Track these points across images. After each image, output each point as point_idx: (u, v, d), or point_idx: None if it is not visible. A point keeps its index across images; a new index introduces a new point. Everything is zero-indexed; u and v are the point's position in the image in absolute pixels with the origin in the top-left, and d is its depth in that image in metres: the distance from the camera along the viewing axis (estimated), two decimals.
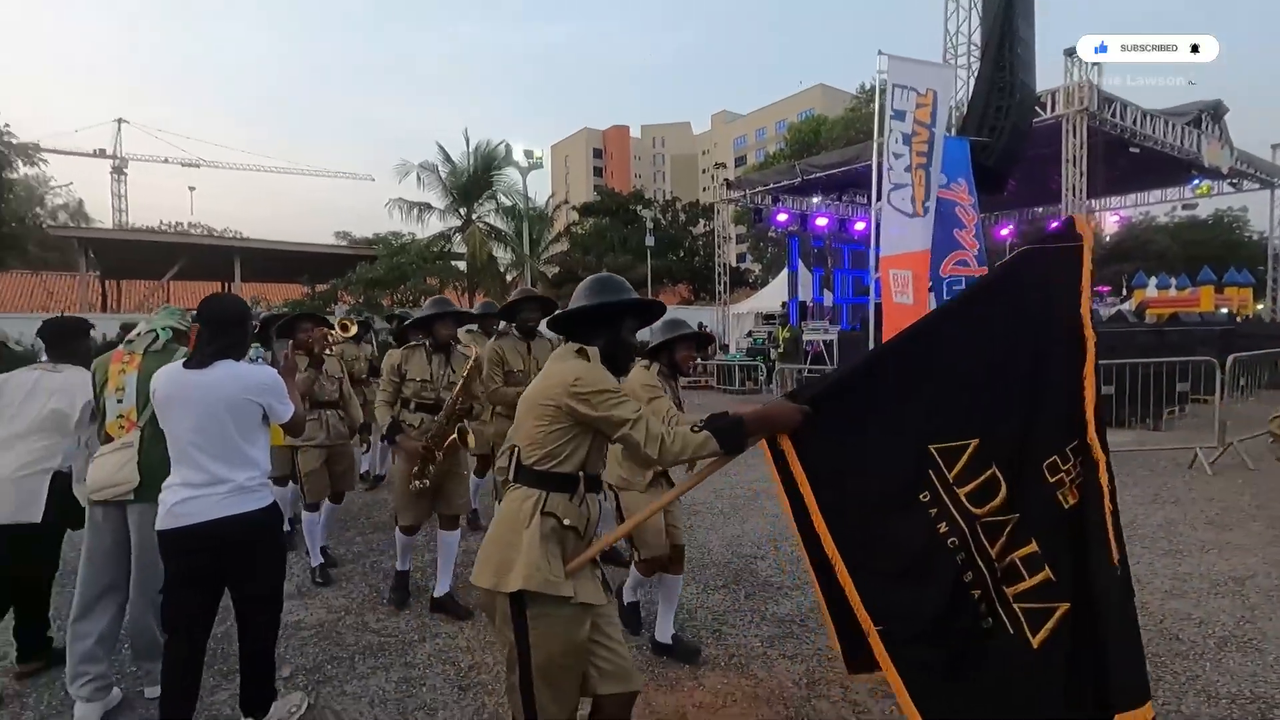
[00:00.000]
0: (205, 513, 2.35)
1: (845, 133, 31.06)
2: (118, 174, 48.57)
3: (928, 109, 8.30)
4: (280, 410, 2.56)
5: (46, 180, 37.71)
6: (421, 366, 3.80)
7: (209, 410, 2.38)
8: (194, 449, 2.38)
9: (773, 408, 1.93)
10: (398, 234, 26.40)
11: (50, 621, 3.27)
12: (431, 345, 3.86)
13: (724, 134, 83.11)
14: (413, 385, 3.76)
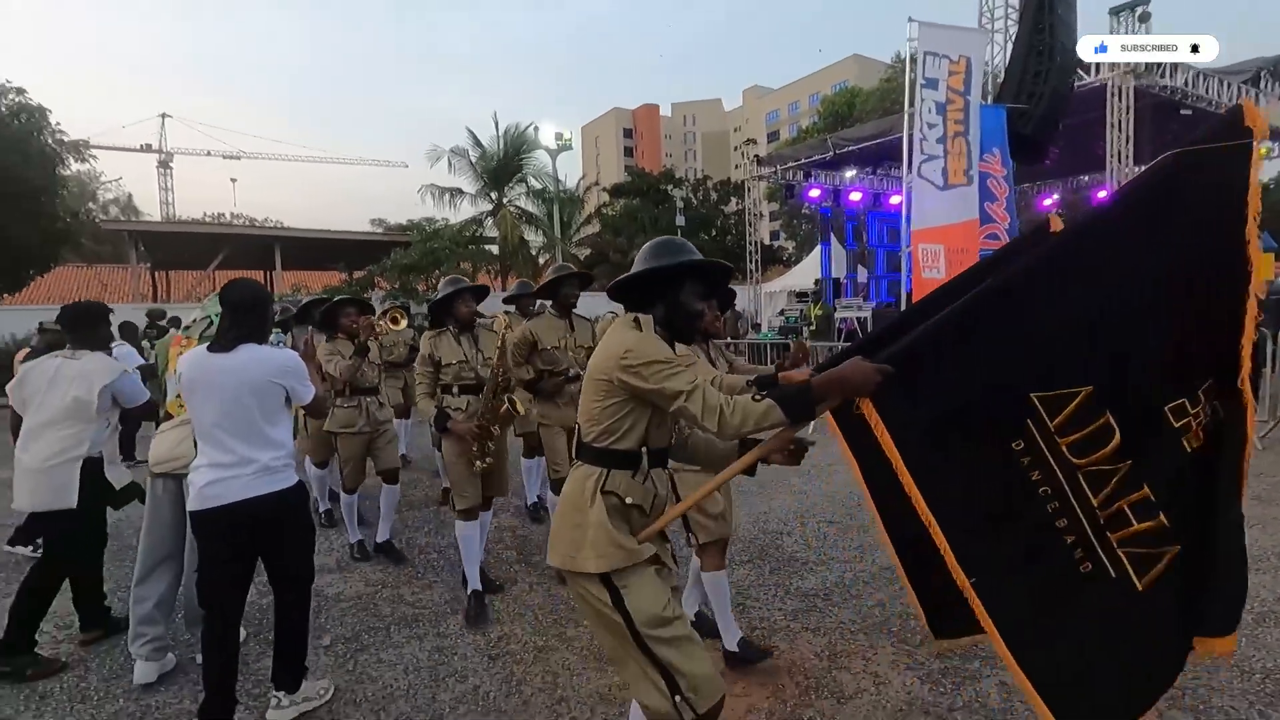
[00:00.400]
0: (234, 493, 2.42)
1: (880, 104, 30.24)
2: (164, 168, 50.03)
3: (961, 76, 8.04)
4: (301, 392, 2.62)
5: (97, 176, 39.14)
6: (452, 349, 3.72)
7: (234, 393, 2.44)
8: (220, 431, 2.45)
9: (846, 369, 1.69)
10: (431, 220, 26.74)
11: (106, 594, 3.48)
12: (456, 326, 3.79)
13: (756, 109, 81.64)
14: (450, 370, 3.68)
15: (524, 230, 24.39)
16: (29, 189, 16.66)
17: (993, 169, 8.21)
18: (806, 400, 1.72)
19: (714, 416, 1.71)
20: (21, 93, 17.34)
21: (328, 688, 2.80)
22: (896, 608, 3.38)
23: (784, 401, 1.71)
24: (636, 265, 2.00)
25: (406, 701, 2.74)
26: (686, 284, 1.95)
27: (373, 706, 2.71)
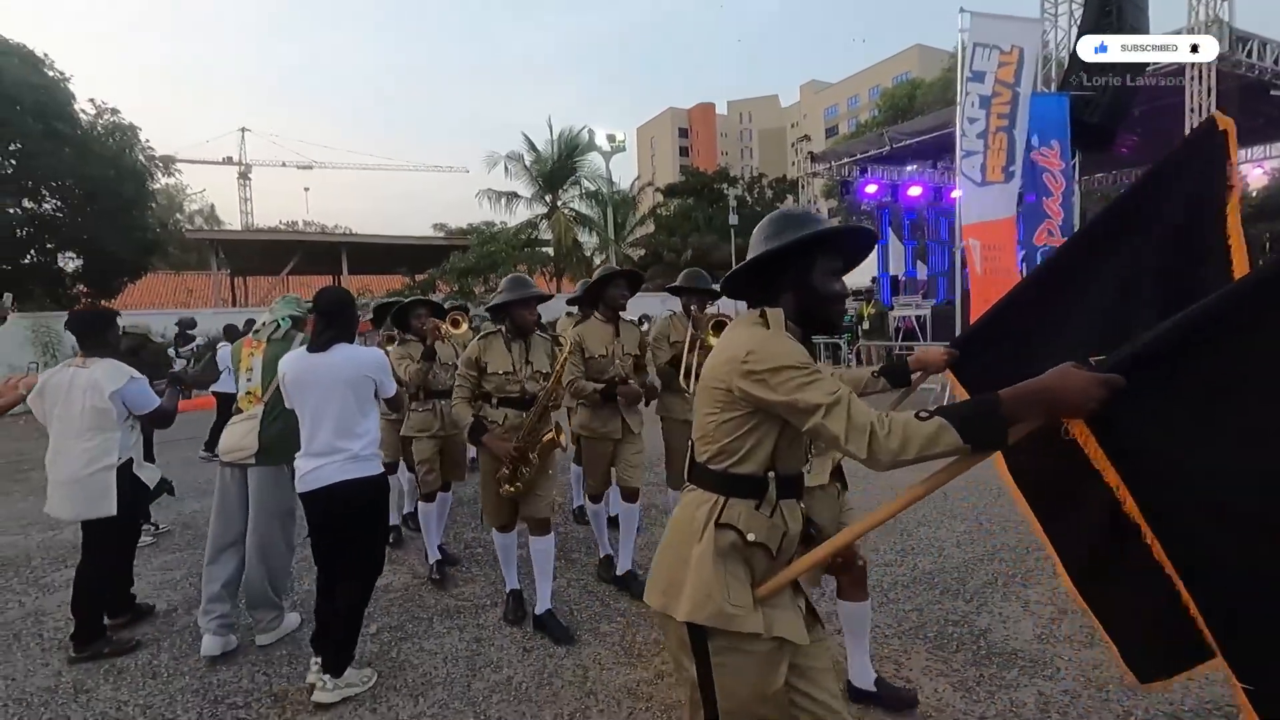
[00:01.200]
0: (326, 478, 2.74)
1: (944, 95, 29.28)
2: (243, 179, 52.92)
3: (1011, 67, 7.78)
4: (388, 385, 2.95)
5: (183, 188, 41.77)
6: (501, 356, 3.35)
7: (331, 388, 2.76)
8: (317, 422, 2.77)
9: (1054, 380, 1.27)
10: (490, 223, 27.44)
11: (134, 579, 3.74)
12: (510, 332, 3.41)
13: (814, 104, 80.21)
14: (495, 379, 3.33)
15: (578, 232, 24.71)
16: (122, 202, 17.95)
17: (1049, 162, 7.89)
18: (995, 420, 1.28)
19: (862, 438, 1.31)
20: (115, 113, 18.70)
21: (370, 676, 2.91)
22: (934, 614, 3.31)
23: (963, 421, 1.28)
24: (753, 249, 1.62)
25: (444, 689, 2.85)
26: (818, 261, 1.55)
27: (412, 692, 2.84)
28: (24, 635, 3.56)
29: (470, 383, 3.36)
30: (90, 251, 18.31)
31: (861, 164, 17.51)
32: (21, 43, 16.70)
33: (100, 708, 2.82)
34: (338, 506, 2.76)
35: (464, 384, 3.37)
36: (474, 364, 3.35)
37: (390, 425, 5.22)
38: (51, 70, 17.07)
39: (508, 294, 3.35)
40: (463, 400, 3.34)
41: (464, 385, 3.36)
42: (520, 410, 3.31)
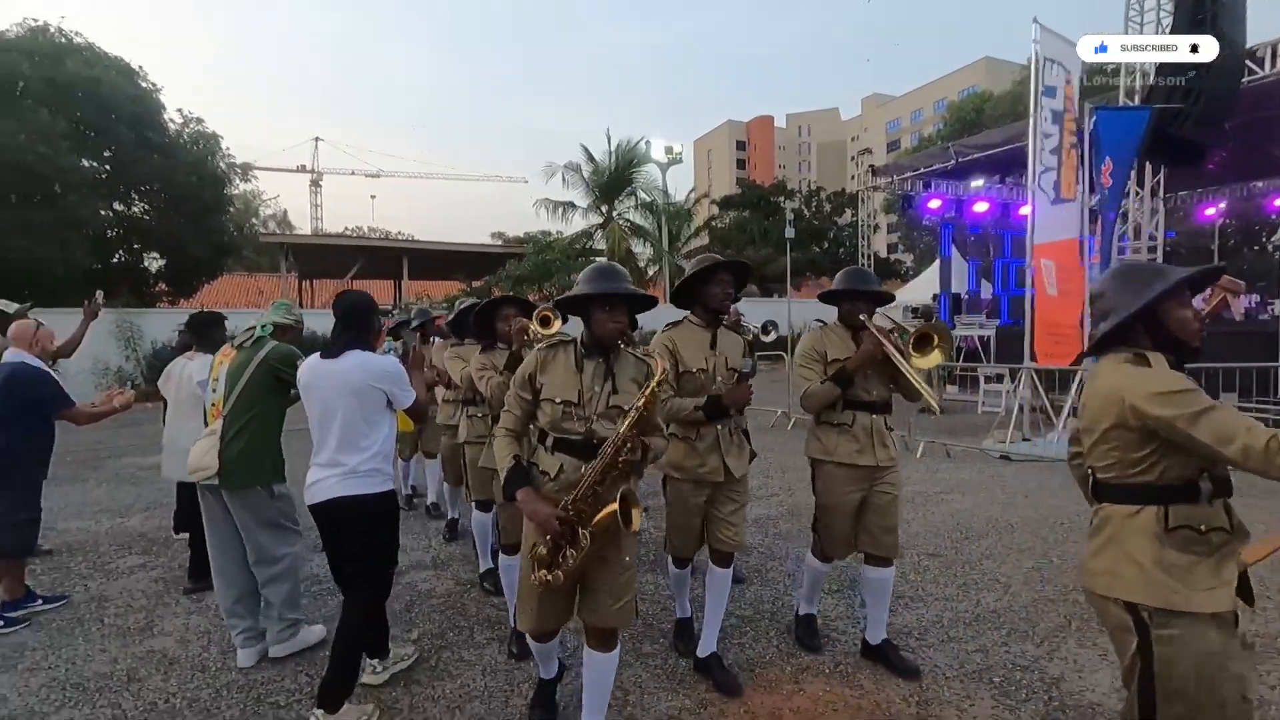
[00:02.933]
0: (325, 492, 2.60)
1: (1013, 109, 28.31)
2: (315, 186, 55.26)
3: (1073, 86, 7.54)
4: (401, 397, 2.74)
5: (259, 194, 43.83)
6: (566, 378, 2.31)
7: (336, 396, 2.61)
8: (324, 433, 2.64)
9: None
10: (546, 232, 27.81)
11: None
12: (586, 344, 2.37)
13: (875, 118, 78.83)
14: (551, 408, 2.28)
15: (632, 242, 24.79)
16: (202, 207, 18.90)
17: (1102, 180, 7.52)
18: None
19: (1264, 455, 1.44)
20: (200, 122, 19.73)
21: (372, 712, 2.69)
22: (1000, 656, 3.08)
23: None
24: (1116, 300, 1.78)
25: (482, 703, 2.80)
26: (1174, 297, 1.74)
27: (450, 704, 2.79)
28: (87, 619, 3.68)
29: (520, 410, 2.37)
30: (172, 252, 19.32)
31: (925, 178, 17.02)
32: (120, 56, 17.84)
33: (150, 698, 2.87)
34: (336, 523, 2.64)
35: (511, 409, 2.38)
36: (527, 383, 2.36)
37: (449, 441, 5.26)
38: (145, 82, 18.14)
39: (587, 285, 2.34)
40: (506, 434, 2.35)
41: (510, 412, 2.38)
42: (582, 460, 2.23)
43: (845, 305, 3.05)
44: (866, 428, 2.93)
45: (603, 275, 2.40)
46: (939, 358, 2.88)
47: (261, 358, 3.14)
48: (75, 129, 16.16)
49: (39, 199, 15.45)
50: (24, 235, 14.74)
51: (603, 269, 2.45)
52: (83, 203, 16.14)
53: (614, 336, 2.32)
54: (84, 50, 17.03)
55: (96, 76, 16.50)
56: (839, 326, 3.07)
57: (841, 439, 2.94)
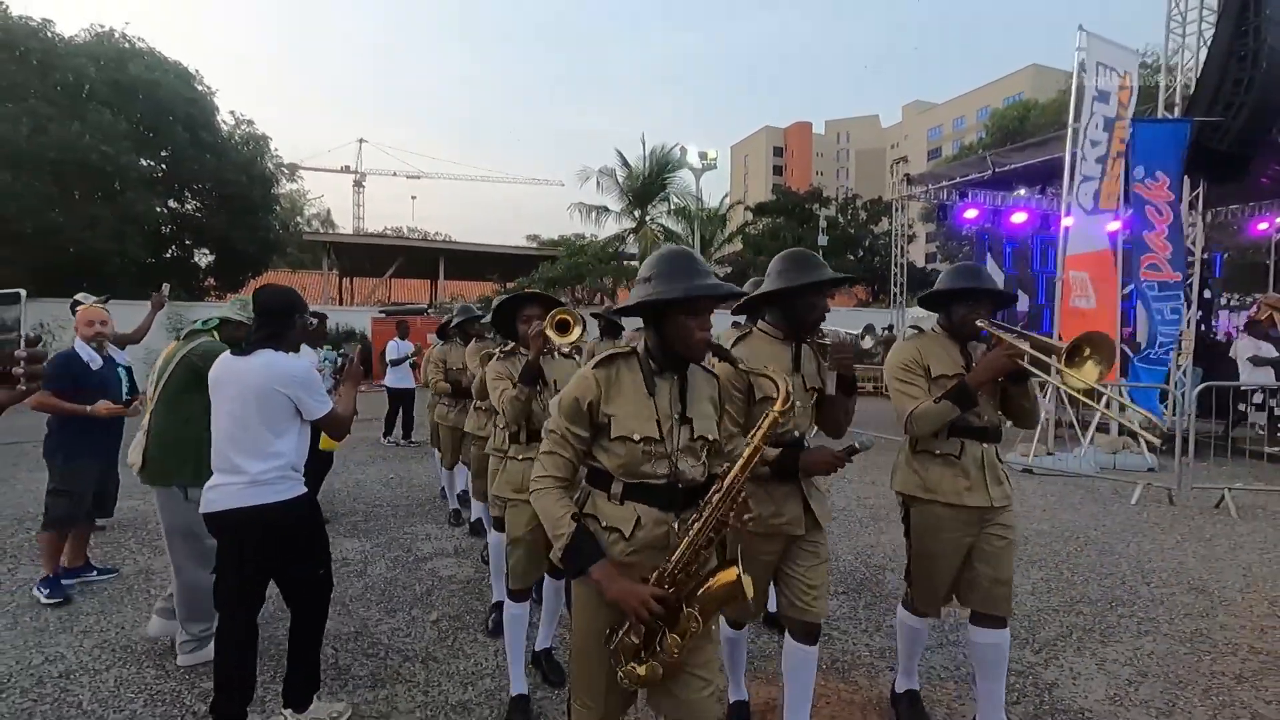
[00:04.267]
0: (224, 501, 2.37)
1: (1058, 118, 27.71)
2: (358, 186, 56.72)
3: (1128, 91, 7.36)
4: (311, 406, 2.44)
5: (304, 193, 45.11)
6: (640, 405, 1.73)
7: (240, 397, 2.38)
8: (225, 436, 2.41)
9: None
10: (580, 235, 28.15)
11: None
12: (655, 357, 1.78)
13: (916, 125, 77.73)
14: (627, 450, 1.70)
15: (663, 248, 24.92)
16: (250, 205, 19.66)
17: (1154, 194, 7.35)
18: None
19: None
20: (251, 124, 20.55)
21: (343, 711, 2.64)
22: None
23: None
24: None
25: (493, 680, 2.97)
26: None
27: (463, 680, 2.97)
28: (135, 590, 3.97)
29: (571, 450, 1.74)
30: (220, 248, 20.15)
31: (961, 187, 16.83)
32: (178, 60, 18.69)
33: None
34: (237, 535, 2.39)
35: (555, 451, 1.75)
36: (584, 417, 1.73)
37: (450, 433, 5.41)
38: (200, 85, 18.97)
39: (666, 284, 1.70)
40: (554, 485, 1.73)
41: (555, 454, 1.75)
42: (665, 511, 1.72)
43: (960, 309, 2.49)
44: (977, 459, 2.43)
45: (687, 269, 1.72)
46: (1094, 373, 2.26)
47: (185, 352, 3.01)
48: (135, 129, 16.99)
49: (100, 195, 16.27)
50: (86, 229, 15.56)
51: (682, 260, 1.76)
52: (140, 199, 16.96)
53: (702, 350, 1.77)
54: (145, 55, 17.91)
55: (156, 80, 17.33)
56: (940, 335, 2.56)
57: (947, 473, 2.43)
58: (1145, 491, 6.27)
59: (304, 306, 2.60)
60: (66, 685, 2.89)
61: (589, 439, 1.74)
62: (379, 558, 4.54)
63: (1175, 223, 7.65)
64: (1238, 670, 3.08)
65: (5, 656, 3.10)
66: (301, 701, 2.54)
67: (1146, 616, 3.67)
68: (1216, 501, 5.95)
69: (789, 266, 2.25)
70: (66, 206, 15.61)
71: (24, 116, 14.79)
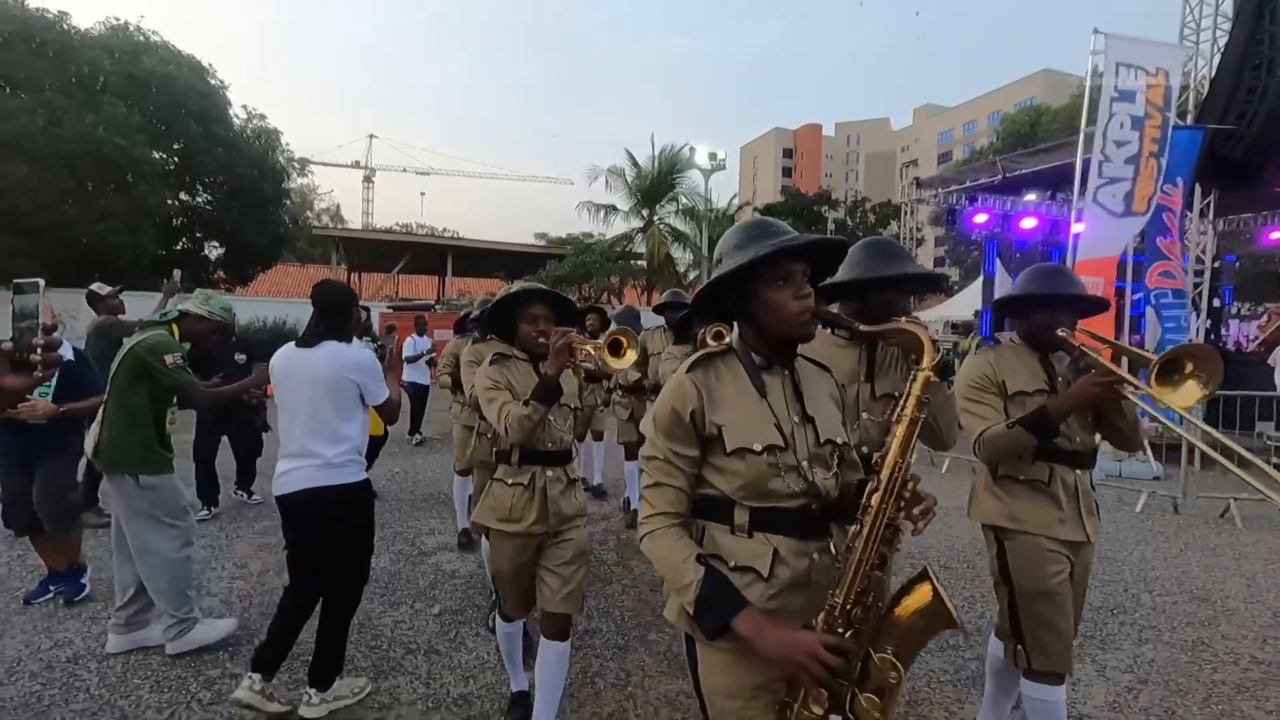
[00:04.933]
0: (298, 483, 2.54)
1: (1069, 123, 27.60)
2: (368, 182, 56.85)
3: (1160, 90, 7.15)
4: (374, 392, 2.66)
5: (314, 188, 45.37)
6: (751, 408, 1.39)
7: (310, 387, 2.56)
8: (294, 423, 2.58)
9: None
10: (588, 234, 28.21)
11: None
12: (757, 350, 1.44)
13: (927, 129, 77.44)
14: (749, 465, 1.35)
15: (671, 247, 24.97)
16: (261, 199, 19.75)
17: (1171, 201, 7.28)
18: None
19: None
20: (263, 118, 20.62)
21: (364, 686, 2.79)
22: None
23: None
24: None
25: (494, 674, 2.99)
26: None
27: (464, 673, 3.00)
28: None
29: (682, 476, 1.38)
30: (231, 241, 20.24)
31: (970, 192, 16.79)
32: (192, 54, 18.80)
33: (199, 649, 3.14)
34: (307, 515, 2.58)
35: (663, 481, 1.38)
36: (684, 427, 1.38)
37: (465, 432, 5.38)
38: (213, 79, 19.06)
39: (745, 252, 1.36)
40: (668, 525, 1.37)
41: (664, 485, 1.38)
42: (806, 538, 1.38)
43: (1039, 316, 2.17)
44: (1070, 487, 2.13)
45: (763, 233, 1.38)
46: (1197, 392, 1.85)
47: (133, 344, 3.02)
48: (149, 122, 17.09)
49: (113, 188, 16.39)
50: (100, 221, 15.67)
51: (755, 228, 1.42)
52: (152, 192, 17.06)
53: (808, 323, 1.38)
54: (159, 48, 18.00)
55: (170, 73, 17.43)
56: (1019, 346, 2.24)
57: (1036, 502, 2.13)
58: (1150, 499, 6.25)
59: (357, 301, 2.82)
60: (75, 670, 2.94)
61: (698, 459, 1.37)
62: (383, 551, 4.58)
63: (1181, 230, 7.60)
64: (1238, 680, 3.07)
65: (15, 641, 3.15)
66: (324, 681, 2.65)
67: (1148, 624, 3.67)
68: (1221, 511, 5.93)
69: (867, 256, 1.95)
70: (80, 199, 15.73)
71: (40, 109, 14.90)
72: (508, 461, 2.45)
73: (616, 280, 23.60)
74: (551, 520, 2.41)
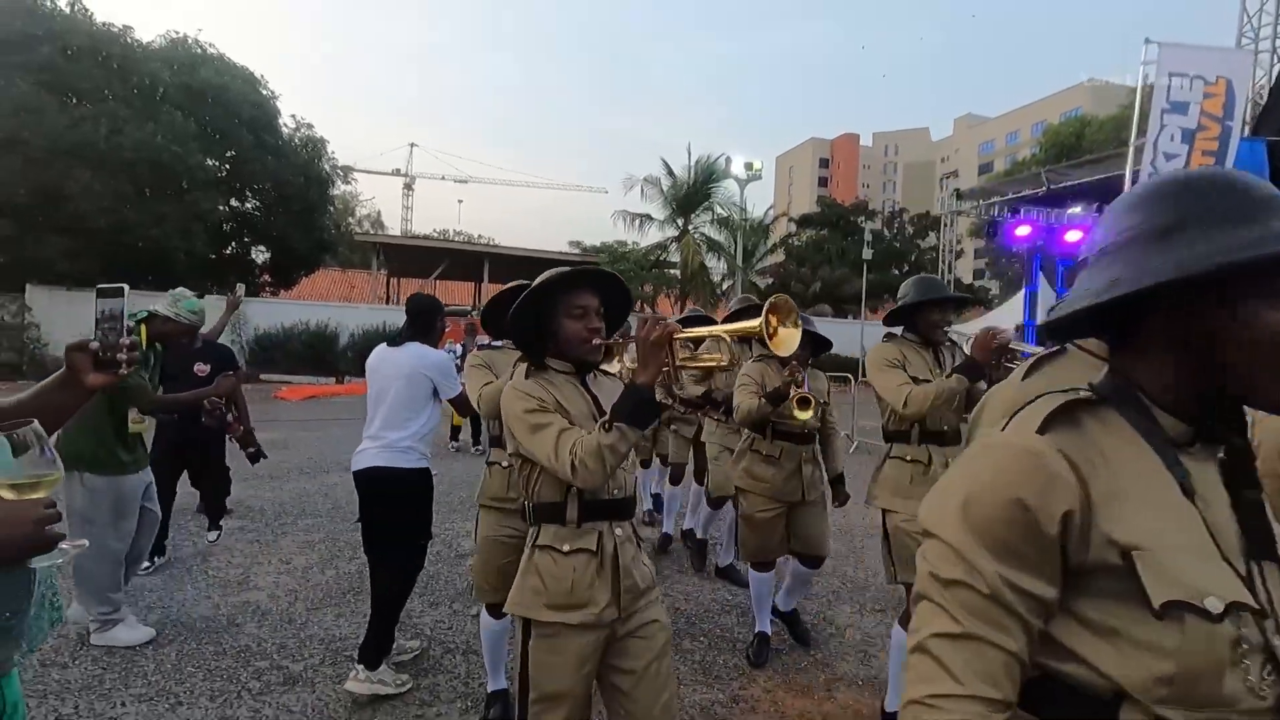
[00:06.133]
0: (365, 461, 2.87)
1: (1115, 134, 26.92)
2: (408, 189, 58.10)
3: (1219, 99, 6.92)
4: (446, 386, 2.97)
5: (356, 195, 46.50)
6: (1178, 524, 0.70)
7: (389, 378, 2.92)
8: (375, 410, 2.93)
9: None
10: (623, 243, 28.37)
11: None
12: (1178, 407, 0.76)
13: (967, 139, 76.17)
14: (1188, 637, 0.65)
15: (706, 257, 24.96)
16: (307, 205, 20.33)
17: None
18: None
19: None
20: (310, 127, 21.26)
21: (405, 681, 2.85)
22: None
23: None
24: None
25: None
26: None
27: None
28: (194, 571, 4.16)
29: (1019, 626, 0.70)
30: (277, 246, 20.88)
31: (1014, 204, 16.47)
32: (245, 65, 19.51)
33: (244, 641, 3.26)
34: (372, 491, 2.87)
35: (977, 633, 0.69)
36: (1040, 538, 0.69)
37: None
38: (265, 89, 19.74)
39: None
40: (973, 713, 0.67)
41: (978, 636, 0.69)
42: None
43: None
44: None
45: (1248, 206, 0.69)
46: None
47: None
48: (203, 131, 17.76)
49: (169, 193, 17.05)
50: (156, 226, 16.32)
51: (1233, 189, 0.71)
52: (205, 198, 17.70)
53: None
54: (215, 60, 18.73)
55: (225, 84, 18.11)
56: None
57: None
58: None
59: (442, 310, 3.14)
60: (133, 656, 3.07)
61: (1056, 602, 0.71)
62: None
63: None
64: None
65: (78, 626, 3.29)
66: (373, 660, 2.77)
67: None
68: None
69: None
70: (138, 204, 16.40)
71: (103, 118, 15.61)
72: (559, 520, 1.73)
73: (650, 289, 23.68)
74: (625, 599, 1.71)
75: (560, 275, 1.79)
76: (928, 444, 2.67)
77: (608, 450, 1.57)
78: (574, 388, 1.81)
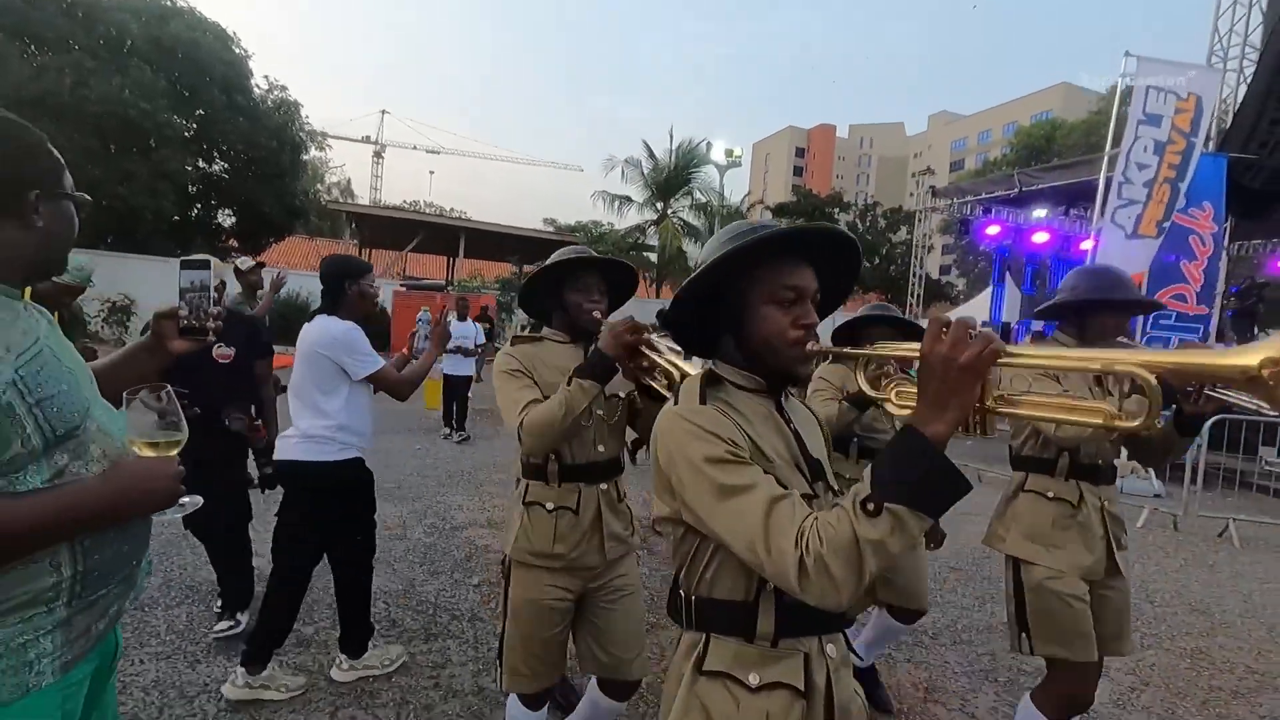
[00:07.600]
0: (283, 453, 2.56)
1: (1085, 139, 27.72)
2: (378, 158, 56.76)
3: (1188, 115, 7.30)
4: (352, 365, 2.51)
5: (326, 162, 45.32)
6: None
7: (299, 358, 2.56)
8: (291, 395, 2.59)
9: None
10: (598, 223, 28.29)
11: None
12: None
13: (941, 136, 77.35)
14: None
15: (683, 241, 25.08)
16: (278, 170, 19.86)
17: (1200, 225, 7.40)
18: None
19: None
20: (284, 89, 20.69)
21: (399, 654, 2.87)
22: (1007, 660, 3.33)
23: None
24: None
25: None
26: None
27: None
28: (190, 535, 4.18)
29: None
30: (246, 211, 20.36)
31: (985, 203, 16.90)
32: (216, 21, 18.84)
33: (252, 604, 3.32)
34: (295, 486, 2.59)
35: None
36: None
37: None
38: (237, 48, 19.13)
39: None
40: None
41: None
42: None
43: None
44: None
45: None
46: None
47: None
48: (173, 87, 17.19)
49: (136, 151, 16.48)
50: (122, 184, 15.78)
51: None
52: (173, 157, 17.19)
53: None
54: (185, 13, 18.07)
55: (196, 39, 17.50)
56: None
57: None
58: (1151, 516, 6.44)
59: (356, 274, 2.59)
60: (144, 617, 3.12)
61: None
62: (416, 523, 4.76)
63: (1214, 255, 7.70)
64: (1234, 686, 3.26)
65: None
66: (355, 650, 2.76)
67: (1149, 631, 3.85)
68: (1220, 530, 6.12)
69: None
70: (105, 160, 15.84)
71: (67, 69, 14.99)
72: (543, 478, 1.89)
73: None
74: (609, 546, 1.90)
75: (564, 260, 1.97)
76: (1078, 479, 2.17)
77: (870, 549, 0.87)
78: (567, 354, 1.93)
